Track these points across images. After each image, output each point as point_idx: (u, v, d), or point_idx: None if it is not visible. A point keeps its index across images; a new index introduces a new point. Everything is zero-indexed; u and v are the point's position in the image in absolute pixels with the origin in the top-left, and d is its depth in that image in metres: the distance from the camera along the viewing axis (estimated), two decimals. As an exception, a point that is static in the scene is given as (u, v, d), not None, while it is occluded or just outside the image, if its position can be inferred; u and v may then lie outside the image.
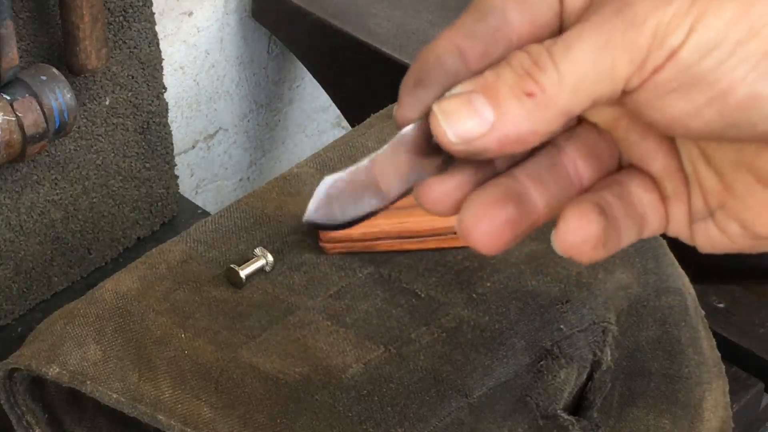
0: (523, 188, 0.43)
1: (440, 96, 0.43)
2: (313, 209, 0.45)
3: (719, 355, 0.82)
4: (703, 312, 0.83)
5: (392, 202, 0.43)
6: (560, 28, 0.43)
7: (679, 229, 0.45)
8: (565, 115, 0.41)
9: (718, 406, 0.79)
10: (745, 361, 0.96)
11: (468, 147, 0.41)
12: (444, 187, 0.43)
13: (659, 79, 0.40)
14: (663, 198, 0.45)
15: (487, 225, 0.43)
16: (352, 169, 0.44)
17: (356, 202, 0.44)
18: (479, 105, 0.41)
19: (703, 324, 0.82)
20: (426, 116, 0.43)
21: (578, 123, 0.45)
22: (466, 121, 0.41)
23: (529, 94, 0.40)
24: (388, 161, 0.43)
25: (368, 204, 0.44)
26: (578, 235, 0.43)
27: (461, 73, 0.43)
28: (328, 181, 0.45)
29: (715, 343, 0.82)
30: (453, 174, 0.43)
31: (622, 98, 0.41)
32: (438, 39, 0.44)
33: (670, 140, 0.44)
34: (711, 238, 0.44)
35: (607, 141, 0.45)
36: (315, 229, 0.45)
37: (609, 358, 0.77)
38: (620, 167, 0.45)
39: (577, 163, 0.44)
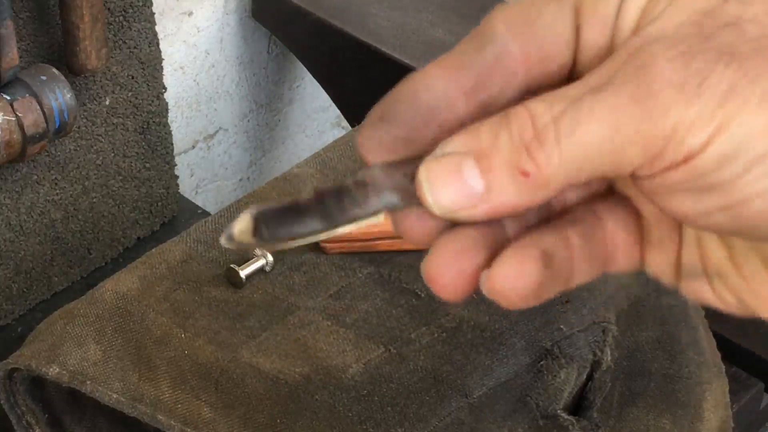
0: (497, 225, 0.40)
1: (403, 137, 0.39)
2: (236, 231, 0.39)
3: (719, 355, 0.82)
4: (703, 312, 0.83)
5: (342, 225, 0.40)
6: (573, 62, 0.40)
7: (661, 275, 0.42)
8: (560, 190, 0.37)
9: (718, 406, 0.79)
10: (745, 361, 0.96)
11: (452, 216, 0.38)
12: (420, 226, 0.40)
13: (670, 178, 0.37)
14: (642, 242, 0.42)
15: (452, 276, 0.40)
16: (288, 200, 0.40)
17: (293, 225, 0.40)
18: (469, 175, 0.37)
19: (703, 324, 0.82)
20: (392, 162, 0.39)
21: None
22: (453, 193, 0.38)
23: (524, 174, 0.37)
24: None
25: (309, 226, 0.40)
26: (508, 284, 0.39)
27: (437, 112, 0.39)
28: (256, 206, 0.40)
29: (715, 343, 0.82)
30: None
31: (632, 178, 0.38)
32: (426, 68, 0.40)
33: None
34: (701, 296, 0.42)
35: None
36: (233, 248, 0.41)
37: (609, 358, 0.77)
38: (610, 190, 0.42)
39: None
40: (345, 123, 1.40)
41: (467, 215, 0.38)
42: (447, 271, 0.40)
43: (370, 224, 0.40)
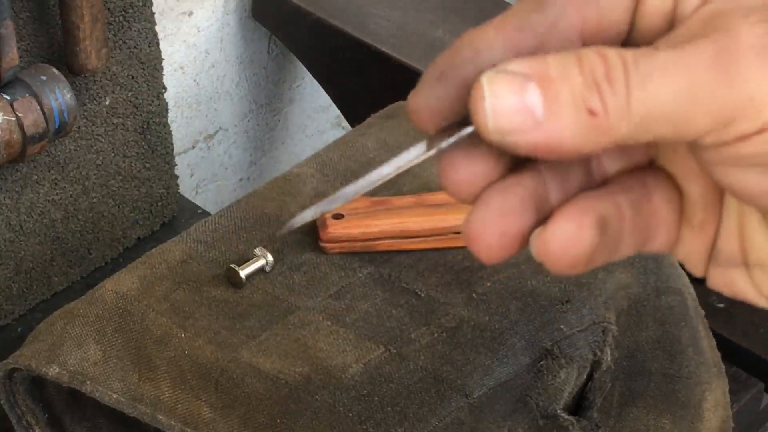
0: (542, 187, 0.38)
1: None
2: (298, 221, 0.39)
3: (719, 355, 0.82)
4: (703, 312, 0.83)
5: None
6: (632, 29, 0.38)
7: (689, 259, 0.40)
8: (613, 144, 0.35)
9: (718, 406, 0.79)
10: (745, 361, 0.96)
11: (501, 138, 0.36)
12: (469, 171, 0.38)
13: (743, 150, 0.35)
14: (683, 223, 0.40)
15: (496, 237, 0.38)
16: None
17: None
18: (531, 97, 0.35)
19: (703, 324, 0.82)
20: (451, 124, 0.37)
21: None
22: (511, 108, 0.35)
23: (591, 112, 0.35)
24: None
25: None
26: (563, 247, 0.37)
27: None
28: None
29: (715, 343, 0.82)
30: (482, 157, 0.38)
31: (691, 146, 0.37)
32: (482, 26, 0.38)
33: None
34: (734, 286, 0.40)
35: None
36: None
37: (609, 358, 0.77)
38: (651, 164, 0.40)
39: (601, 154, 0.39)
40: (345, 123, 1.40)
41: (517, 141, 0.35)
42: (490, 231, 0.38)
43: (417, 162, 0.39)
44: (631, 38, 0.38)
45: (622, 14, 0.38)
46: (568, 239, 0.37)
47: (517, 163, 0.38)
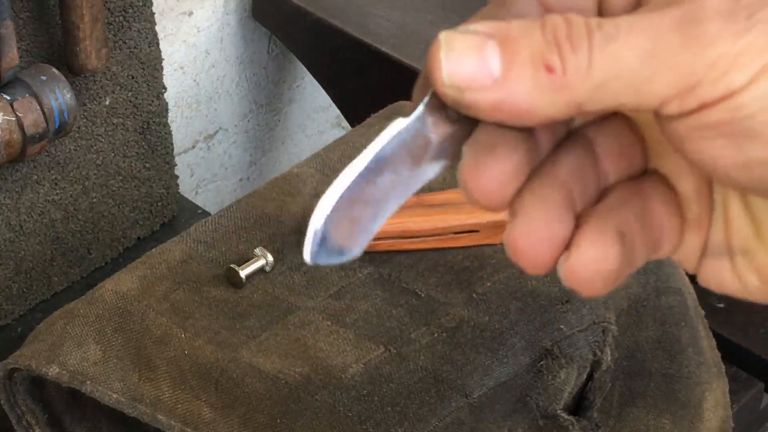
0: (569, 190, 0.37)
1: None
2: (314, 250, 0.37)
3: (719, 355, 0.82)
4: (703, 312, 0.83)
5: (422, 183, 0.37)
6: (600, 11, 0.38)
7: (685, 257, 0.40)
8: (575, 108, 0.35)
9: (718, 406, 0.79)
10: (745, 361, 0.96)
11: (457, 95, 0.35)
12: (495, 173, 0.36)
13: (706, 118, 0.34)
14: (684, 222, 0.39)
15: (546, 248, 0.36)
16: (343, 184, 0.38)
17: (370, 214, 0.38)
18: (490, 55, 0.35)
19: (703, 324, 0.82)
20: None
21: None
22: (468, 66, 0.35)
23: (548, 69, 0.34)
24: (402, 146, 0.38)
25: (390, 204, 0.38)
26: (594, 269, 0.36)
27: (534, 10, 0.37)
28: (320, 216, 0.38)
29: (715, 343, 0.82)
30: (501, 155, 0.36)
31: (658, 120, 0.36)
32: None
33: None
34: (720, 279, 0.39)
35: (638, 138, 0.39)
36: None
37: (609, 358, 0.77)
38: (644, 172, 0.39)
39: (604, 160, 0.38)
40: (345, 123, 1.40)
41: (474, 98, 0.35)
42: (538, 242, 0.36)
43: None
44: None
45: (588, 2, 0.38)
46: (596, 262, 0.36)
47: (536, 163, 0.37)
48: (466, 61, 0.35)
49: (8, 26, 0.82)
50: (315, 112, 1.40)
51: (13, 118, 0.84)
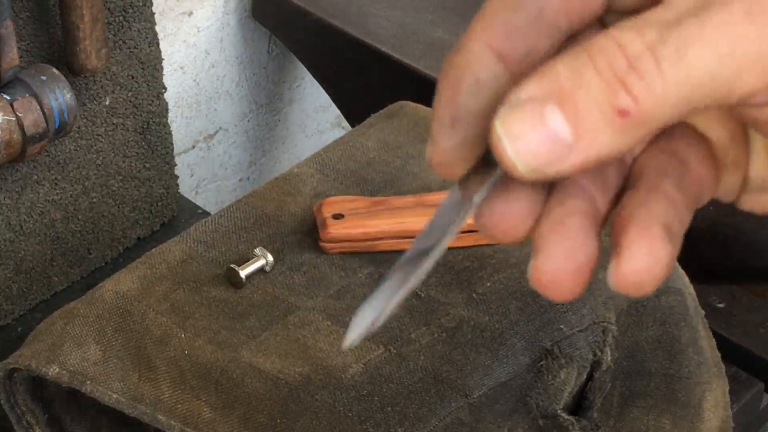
0: (589, 199, 0.35)
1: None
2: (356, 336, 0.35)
3: (719, 355, 0.81)
4: (703, 312, 0.83)
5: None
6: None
7: (724, 194, 0.38)
8: (657, 130, 0.32)
9: (718, 406, 0.79)
10: (745, 361, 0.96)
11: (540, 176, 0.33)
12: (513, 213, 0.35)
13: None
14: (721, 168, 0.37)
15: (572, 276, 0.35)
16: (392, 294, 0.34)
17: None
18: (554, 122, 0.32)
19: (703, 324, 0.82)
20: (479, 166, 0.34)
21: None
22: (537, 144, 0.32)
23: (622, 113, 0.31)
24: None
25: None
26: (647, 273, 0.34)
27: (500, 89, 0.34)
28: (376, 319, 0.35)
29: (715, 343, 0.82)
30: (520, 192, 0.35)
31: (734, 108, 0.34)
32: (468, 42, 0.35)
33: None
34: (760, 206, 0.38)
35: None
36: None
37: (609, 358, 0.77)
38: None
39: None
40: (345, 123, 1.40)
41: (556, 171, 0.32)
42: (565, 273, 0.35)
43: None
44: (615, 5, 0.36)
45: None
46: (648, 266, 0.34)
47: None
48: (534, 143, 0.32)
49: (8, 26, 0.82)
50: (315, 112, 1.40)
51: (13, 118, 0.84)
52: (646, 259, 0.34)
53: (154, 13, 0.97)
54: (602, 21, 0.36)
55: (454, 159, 0.35)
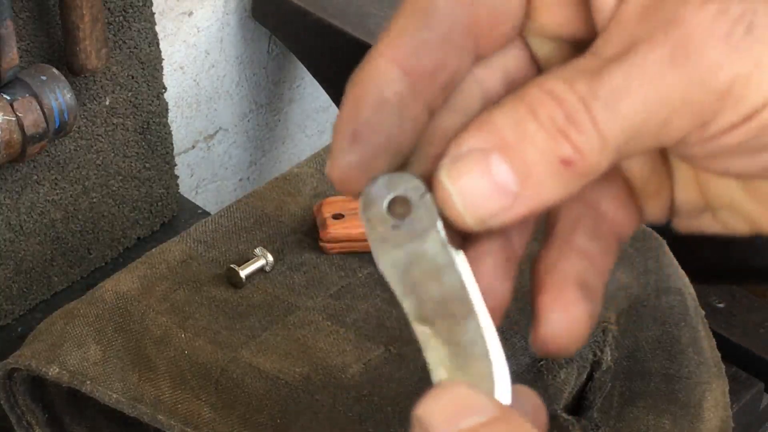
0: (509, 244, 0.36)
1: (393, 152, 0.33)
2: None
3: (719, 355, 0.81)
4: (703, 312, 0.83)
5: None
6: (528, 18, 0.35)
7: (654, 219, 0.38)
8: (597, 177, 0.33)
9: (718, 406, 0.79)
10: (745, 361, 0.96)
11: (483, 226, 0.33)
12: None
13: (730, 140, 0.32)
14: (637, 200, 0.37)
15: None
16: None
17: None
18: (500, 173, 0.32)
19: (703, 324, 0.82)
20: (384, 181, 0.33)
21: None
22: (487, 197, 0.32)
23: (566, 162, 0.32)
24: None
25: None
26: (566, 335, 0.35)
27: (414, 112, 0.34)
28: None
29: (715, 343, 0.82)
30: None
31: (669, 147, 0.34)
32: (374, 58, 0.34)
33: None
34: (697, 226, 0.38)
35: None
36: None
37: (609, 358, 0.77)
38: None
39: None
40: (345, 123, 1.40)
41: (501, 221, 0.33)
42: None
43: None
44: (531, 28, 0.35)
45: (516, 7, 0.35)
46: (566, 328, 0.35)
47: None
48: (481, 193, 0.32)
49: (8, 26, 0.82)
50: (315, 112, 1.40)
51: (13, 118, 0.84)
52: (563, 322, 0.35)
53: (154, 13, 0.97)
54: (525, 39, 0.36)
55: (354, 175, 0.34)
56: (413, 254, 0.34)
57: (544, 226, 0.38)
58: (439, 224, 0.34)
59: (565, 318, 0.35)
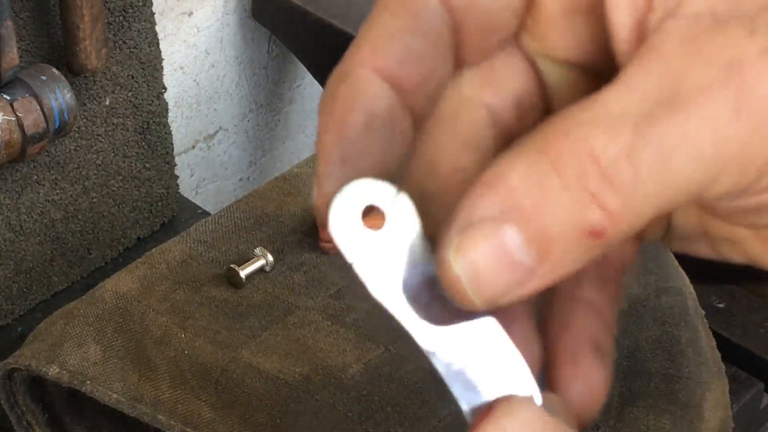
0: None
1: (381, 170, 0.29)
2: None
3: (719, 355, 0.81)
4: (703, 312, 0.83)
5: None
6: (522, 28, 0.31)
7: (649, 242, 0.35)
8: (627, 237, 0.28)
9: (718, 406, 0.79)
10: (745, 361, 0.96)
11: (493, 306, 0.29)
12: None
13: (765, 199, 0.29)
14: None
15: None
16: None
17: None
18: (515, 247, 0.27)
19: (703, 324, 0.82)
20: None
21: None
22: (498, 275, 0.28)
23: (594, 233, 0.27)
24: None
25: None
26: (587, 405, 0.32)
27: (402, 127, 0.30)
28: None
29: (715, 343, 0.82)
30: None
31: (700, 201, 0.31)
32: (354, 68, 0.30)
33: None
34: (692, 251, 0.35)
35: None
36: None
37: (609, 358, 0.77)
38: None
39: None
40: (345, 123, 1.40)
41: (513, 298, 0.28)
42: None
43: None
44: (523, 40, 0.32)
45: (509, 18, 0.31)
46: (587, 398, 0.32)
47: None
48: (492, 272, 0.28)
49: (8, 26, 0.82)
50: (315, 112, 1.40)
51: (13, 118, 0.84)
52: (584, 394, 0.32)
53: (154, 13, 0.97)
54: (518, 40, 0.33)
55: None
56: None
57: None
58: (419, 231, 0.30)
59: (587, 388, 0.32)
